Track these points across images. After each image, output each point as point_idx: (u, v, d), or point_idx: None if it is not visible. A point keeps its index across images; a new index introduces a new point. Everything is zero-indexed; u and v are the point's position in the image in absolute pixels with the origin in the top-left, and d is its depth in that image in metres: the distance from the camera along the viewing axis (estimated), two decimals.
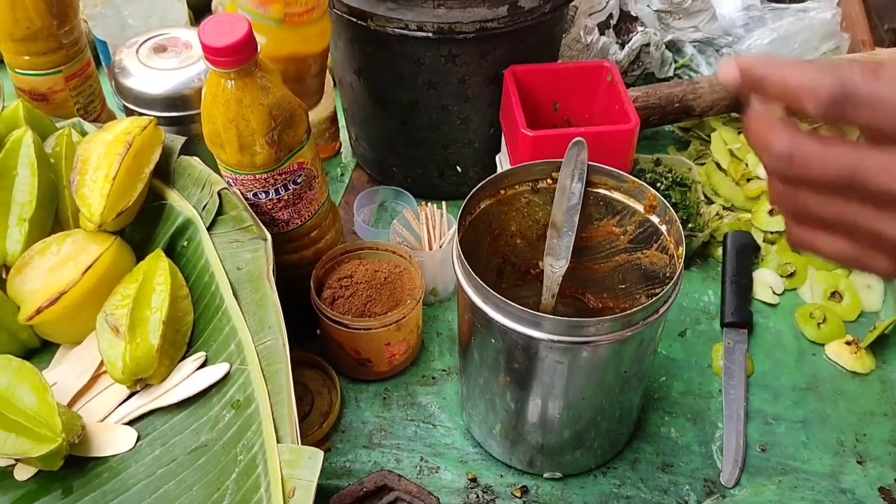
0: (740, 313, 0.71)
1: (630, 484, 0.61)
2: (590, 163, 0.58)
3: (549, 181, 0.60)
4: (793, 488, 0.60)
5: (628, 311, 0.49)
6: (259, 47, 0.55)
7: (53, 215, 0.63)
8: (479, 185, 0.58)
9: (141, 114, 0.70)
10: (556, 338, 0.50)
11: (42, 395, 0.52)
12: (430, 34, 0.67)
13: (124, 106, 0.73)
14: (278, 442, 0.48)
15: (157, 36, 0.74)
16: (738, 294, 0.73)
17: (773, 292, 0.75)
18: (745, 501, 0.60)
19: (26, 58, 0.71)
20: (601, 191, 0.59)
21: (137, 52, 0.73)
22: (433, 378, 0.68)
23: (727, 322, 0.71)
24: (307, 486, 0.45)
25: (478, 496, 0.60)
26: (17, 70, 0.72)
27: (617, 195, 0.59)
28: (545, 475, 0.61)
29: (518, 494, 0.60)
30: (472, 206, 0.58)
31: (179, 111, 0.71)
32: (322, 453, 0.46)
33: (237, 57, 0.54)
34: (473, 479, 0.61)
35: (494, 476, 0.61)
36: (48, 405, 0.52)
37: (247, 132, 0.56)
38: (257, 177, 0.60)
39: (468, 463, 0.62)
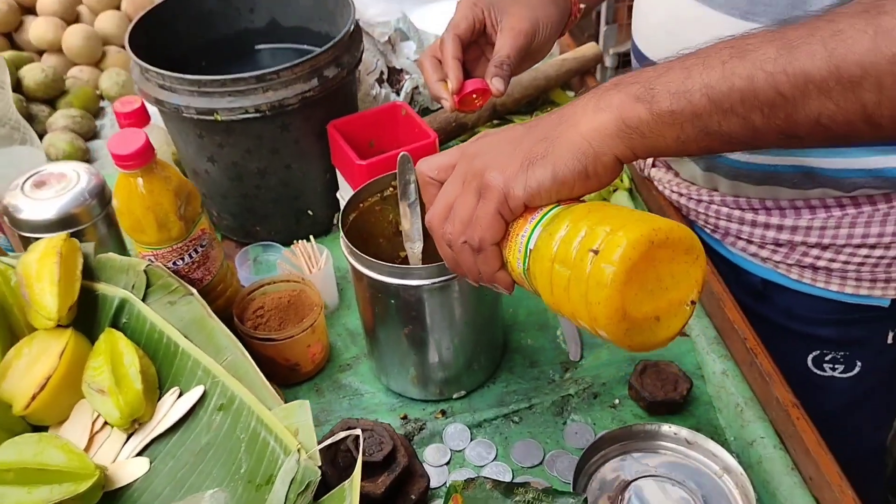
0: None
1: (513, 382, 0.83)
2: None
3: (391, 189, 0.82)
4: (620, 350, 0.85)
5: None
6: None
7: (9, 330, 0.75)
8: (346, 202, 0.78)
9: (39, 238, 0.84)
10: (427, 282, 0.71)
11: (68, 449, 0.66)
12: (266, 112, 0.87)
13: (20, 236, 0.86)
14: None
15: (33, 175, 0.88)
16: None
17: None
18: (590, 366, 0.84)
19: None
20: None
21: (22, 190, 0.87)
22: (348, 365, 0.87)
23: None
24: (306, 425, 0.63)
25: (412, 426, 0.79)
26: None
27: None
28: (454, 396, 0.82)
29: (439, 416, 0.80)
30: (345, 219, 0.79)
31: (72, 227, 0.85)
32: (308, 402, 0.64)
33: (143, 159, 0.71)
34: (404, 417, 0.81)
35: (419, 410, 0.81)
36: (76, 453, 0.65)
37: (161, 213, 0.74)
38: (174, 247, 0.77)
39: (396, 409, 0.82)
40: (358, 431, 0.68)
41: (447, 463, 0.76)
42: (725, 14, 0.76)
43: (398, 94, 1.22)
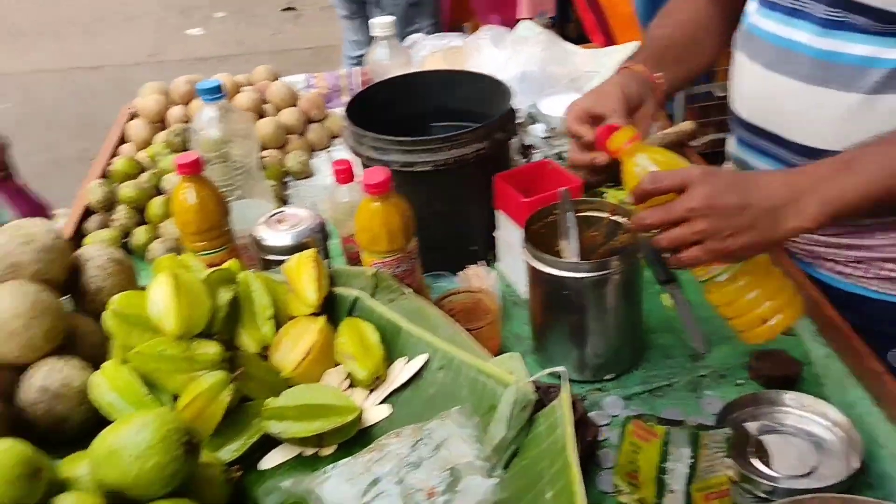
0: (668, 274, 1.19)
1: (653, 369, 1.05)
2: (574, 198, 1.06)
3: (553, 216, 1.06)
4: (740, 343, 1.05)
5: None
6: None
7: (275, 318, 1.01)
8: (528, 221, 1.03)
9: (281, 261, 1.11)
10: (590, 274, 0.95)
11: (335, 392, 0.90)
12: (451, 165, 1.14)
13: (262, 259, 1.13)
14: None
15: (274, 214, 1.17)
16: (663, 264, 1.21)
17: None
18: (715, 357, 1.05)
19: (203, 244, 1.11)
20: (584, 213, 1.07)
21: (267, 225, 1.15)
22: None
23: (661, 280, 1.18)
24: (519, 368, 0.85)
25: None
26: (198, 253, 1.10)
27: (590, 213, 1.07)
28: (606, 377, 1.03)
29: (596, 392, 1.02)
30: (527, 233, 1.03)
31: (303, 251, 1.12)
32: (518, 353, 0.87)
33: (384, 188, 0.98)
34: None
35: (578, 388, 1.03)
36: (341, 394, 0.89)
37: (392, 229, 1.00)
38: (396, 257, 1.02)
39: None
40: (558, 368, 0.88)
41: (607, 424, 0.97)
42: (804, 83, 1.01)
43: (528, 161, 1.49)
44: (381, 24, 1.53)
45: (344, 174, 1.14)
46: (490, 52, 1.72)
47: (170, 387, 0.91)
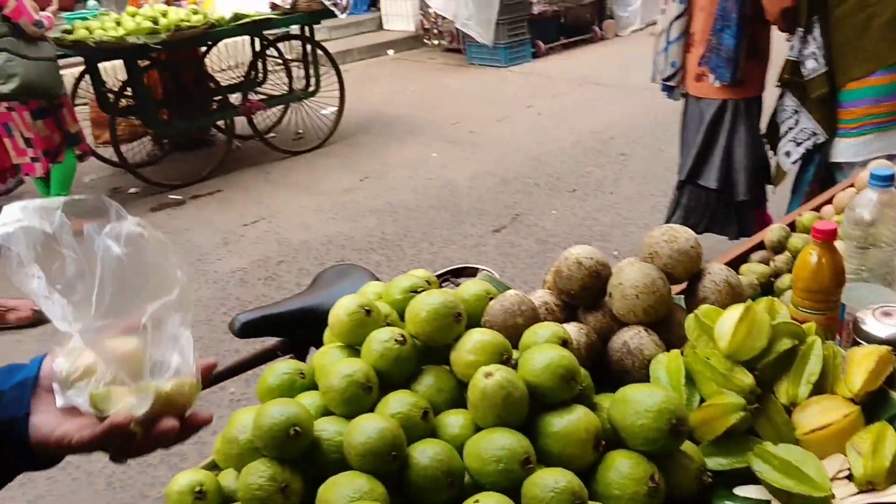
0: None
1: None
2: None
3: None
4: None
5: None
6: None
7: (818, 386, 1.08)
8: None
9: None
10: None
11: (820, 470, 0.95)
12: None
13: (854, 340, 1.17)
14: None
15: (886, 306, 1.19)
16: None
17: None
18: None
19: (807, 302, 1.22)
20: None
21: (874, 311, 1.18)
22: None
23: None
24: None
25: None
26: (799, 307, 1.23)
27: None
28: None
29: None
30: None
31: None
32: None
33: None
34: None
35: None
36: (824, 475, 0.94)
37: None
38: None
39: None
40: None
41: None
42: None
43: None
44: None
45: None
46: None
47: (703, 390, 1.10)
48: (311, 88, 6.18)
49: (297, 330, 1.52)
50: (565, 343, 1.12)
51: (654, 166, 5.12)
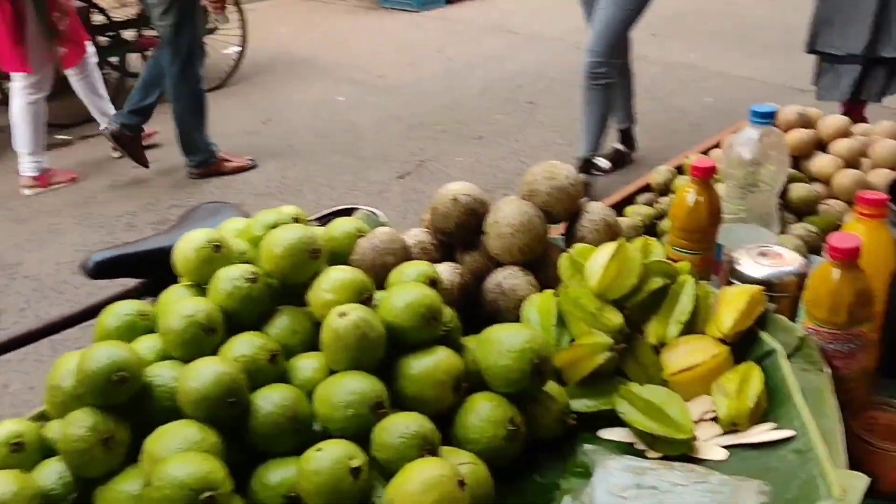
0: None
1: None
2: None
3: None
4: None
5: None
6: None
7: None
8: None
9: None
10: None
11: (683, 411, 0.92)
12: None
13: (728, 282, 1.15)
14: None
15: (762, 246, 1.17)
16: None
17: None
18: None
19: (684, 241, 1.19)
20: None
21: (749, 252, 1.16)
22: None
23: None
24: (855, 489, 0.74)
25: None
26: (675, 247, 1.19)
27: None
28: None
29: None
30: None
31: (769, 292, 1.10)
32: (866, 478, 0.75)
33: (853, 256, 0.91)
34: None
35: None
36: (687, 417, 0.91)
37: (846, 300, 0.93)
38: (838, 333, 0.95)
39: None
40: None
41: None
42: None
43: None
44: None
45: None
46: None
47: (574, 331, 1.05)
48: (210, 25, 5.86)
49: (159, 270, 1.40)
50: (434, 283, 1.05)
51: (561, 115, 5.09)
